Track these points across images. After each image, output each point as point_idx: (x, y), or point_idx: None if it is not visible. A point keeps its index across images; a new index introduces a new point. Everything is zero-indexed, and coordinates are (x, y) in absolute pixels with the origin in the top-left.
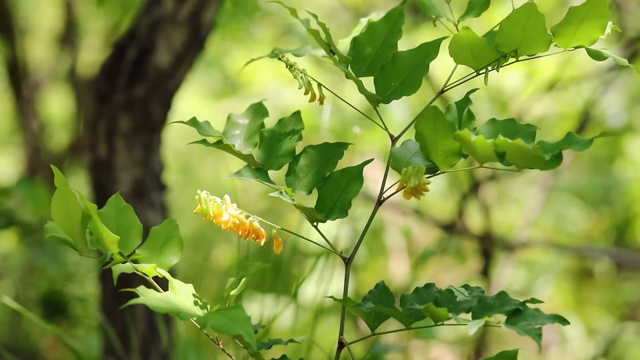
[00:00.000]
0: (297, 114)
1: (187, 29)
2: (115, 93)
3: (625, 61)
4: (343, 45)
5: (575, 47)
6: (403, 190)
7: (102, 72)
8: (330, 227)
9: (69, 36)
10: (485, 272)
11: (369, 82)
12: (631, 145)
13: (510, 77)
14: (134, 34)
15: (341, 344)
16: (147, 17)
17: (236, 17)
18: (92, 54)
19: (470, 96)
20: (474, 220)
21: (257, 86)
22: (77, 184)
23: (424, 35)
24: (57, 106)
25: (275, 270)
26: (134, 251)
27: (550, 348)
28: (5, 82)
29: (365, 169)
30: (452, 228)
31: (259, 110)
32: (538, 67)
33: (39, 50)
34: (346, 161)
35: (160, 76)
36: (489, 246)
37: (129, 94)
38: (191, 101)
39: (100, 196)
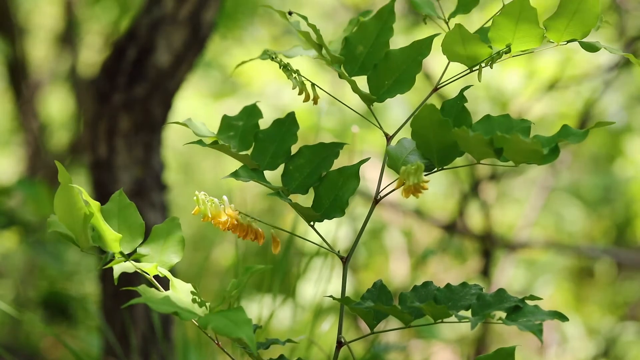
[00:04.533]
0: (291, 114)
1: (187, 29)
2: (115, 93)
3: (619, 50)
4: (334, 45)
5: (568, 41)
6: (402, 188)
7: (102, 72)
8: (330, 227)
9: (69, 36)
10: (485, 272)
11: (364, 82)
12: (631, 144)
13: (510, 76)
14: (134, 34)
15: (340, 343)
16: (147, 16)
17: (236, 16)
18: (92, 54)
19: (471, 96)
20: (474, 220)
21: (256, 86)
22: (77, 184)
23: (425, 34)
24: (57, 106)
25: (273, 270)
26: (136, 249)
27: (550, 347)
28: (6, 82)
29: (366, 168)
30: (452, 228)
31: (252, 111)
32: (538, 66)
33: (39, 50)
34: (345, 160)
35: (161, 76)
36: (489, 246)
37: (129, 94)
38: (191, 101)
39: (101, 196)
